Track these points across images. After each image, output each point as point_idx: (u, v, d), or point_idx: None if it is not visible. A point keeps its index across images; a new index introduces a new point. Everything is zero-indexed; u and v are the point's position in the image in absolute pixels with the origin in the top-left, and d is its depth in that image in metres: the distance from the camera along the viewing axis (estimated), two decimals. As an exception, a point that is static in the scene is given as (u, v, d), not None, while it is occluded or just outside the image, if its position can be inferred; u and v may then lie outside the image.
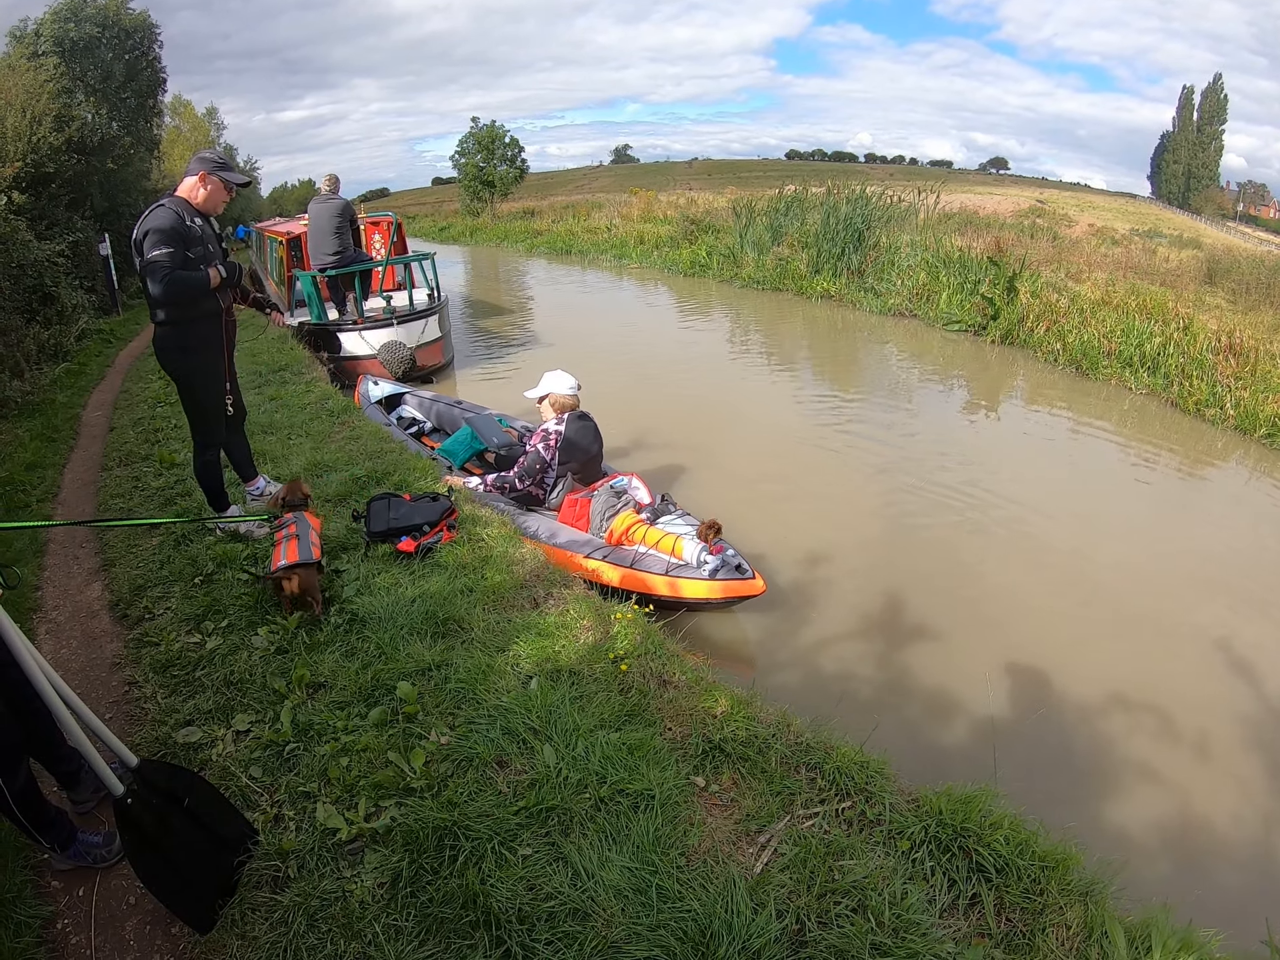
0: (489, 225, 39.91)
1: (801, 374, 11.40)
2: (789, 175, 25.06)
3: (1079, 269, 16.65)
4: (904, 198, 18.25)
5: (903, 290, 15.10)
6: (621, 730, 3.06)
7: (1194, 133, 75.38)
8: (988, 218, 27.37)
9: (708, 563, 4.54)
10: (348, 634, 3.79)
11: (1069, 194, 69.68)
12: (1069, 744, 4.24)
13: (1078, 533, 6.44)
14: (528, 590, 4.14)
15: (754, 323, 15.27)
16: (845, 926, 2.32)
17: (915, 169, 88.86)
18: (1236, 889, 3.59)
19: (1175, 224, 48.06)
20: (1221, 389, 10.32)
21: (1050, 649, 4.89)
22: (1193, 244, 30.33)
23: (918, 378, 11.36)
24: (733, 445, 8.02)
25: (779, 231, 18.96)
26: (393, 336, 10.35)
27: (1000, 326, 12.85)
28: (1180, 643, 5.27)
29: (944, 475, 7.41)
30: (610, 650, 3.55)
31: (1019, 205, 40.85)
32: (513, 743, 3.00)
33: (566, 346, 13.12)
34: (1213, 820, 3.94)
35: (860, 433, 8.64)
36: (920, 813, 2.74)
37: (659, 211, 30.45)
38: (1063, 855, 2.64)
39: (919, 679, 4.53)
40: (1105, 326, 12.11)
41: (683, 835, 2.61)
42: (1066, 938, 2.50)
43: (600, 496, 5.14)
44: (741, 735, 3.04)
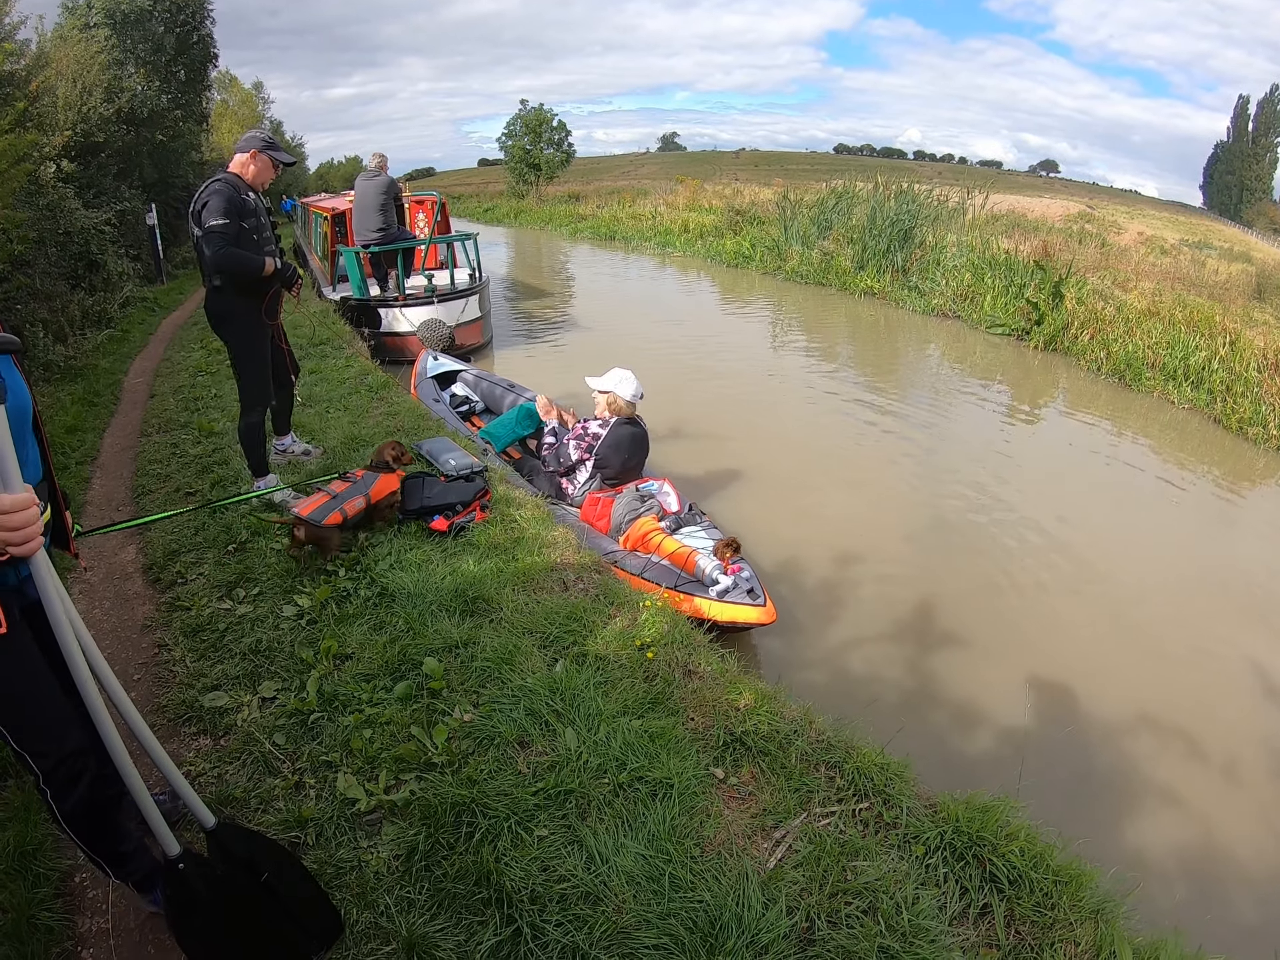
0: (534, 208, 39.94)
1: (842, 372, 11.28)
2: (836, 170, 24.76)
3: (1126, 277, 16.39)
4: (952, 197, 18.03)
5: (947, 291, 14.92)
6: (644, 718, 3.07)
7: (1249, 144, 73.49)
8: (1036, 221, 27.06)
9: (719, 582, 4.32)
10: (377, 608, 3.83)
11: (1119, 200, 68.36)
12: (1092, 761, 4.19)
13: (1113, 548, 6.34)
14: (558, 574, 4.15)
15: (797, 317, 15.14)
16: (855, 928, 2.32)
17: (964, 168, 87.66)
18: (1250, 919, 3.53)
19: (1226, 236, 46.97)
20: (1266, 408, 10.06)
21: (1080, 665, 4.83)
22: (1243, 258, 29.73)
23: (959, 381, 11.22)
24: (770, 443, 7.94)
25: (825, 226, 18.79)
26: (432, 314, 10.42)
27: (1044, 332, 12.63)
28: (1212, 667, 5.18)
29: (980, 482, 7.33)
30: (637, 637, 3.55)
31: (1068, 210, 40.19)
32: (535, 724, 3.02)
33: (606, 332, 13.09)
34: (1233, 848, 3.87)
35: (899, 435, 8.56)
36: (937, 819, 2.73)
37: (704, 201, 30.31)
38: (1077, 871, 2.61)
39: (946, 687, 4.50)
40: (1150, 338, 11.88)
41: (699, 826, 2.62)
42: (1075, 954, 2.47)
43: (624, 498, 5.03)
44: (764, 730, 3.04)
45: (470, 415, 7.39)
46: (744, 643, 4.72)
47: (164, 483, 5.61)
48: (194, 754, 2.96)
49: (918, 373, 11.85)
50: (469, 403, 7.55)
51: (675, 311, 15.39)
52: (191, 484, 5.48)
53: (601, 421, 5.32)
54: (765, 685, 3.46)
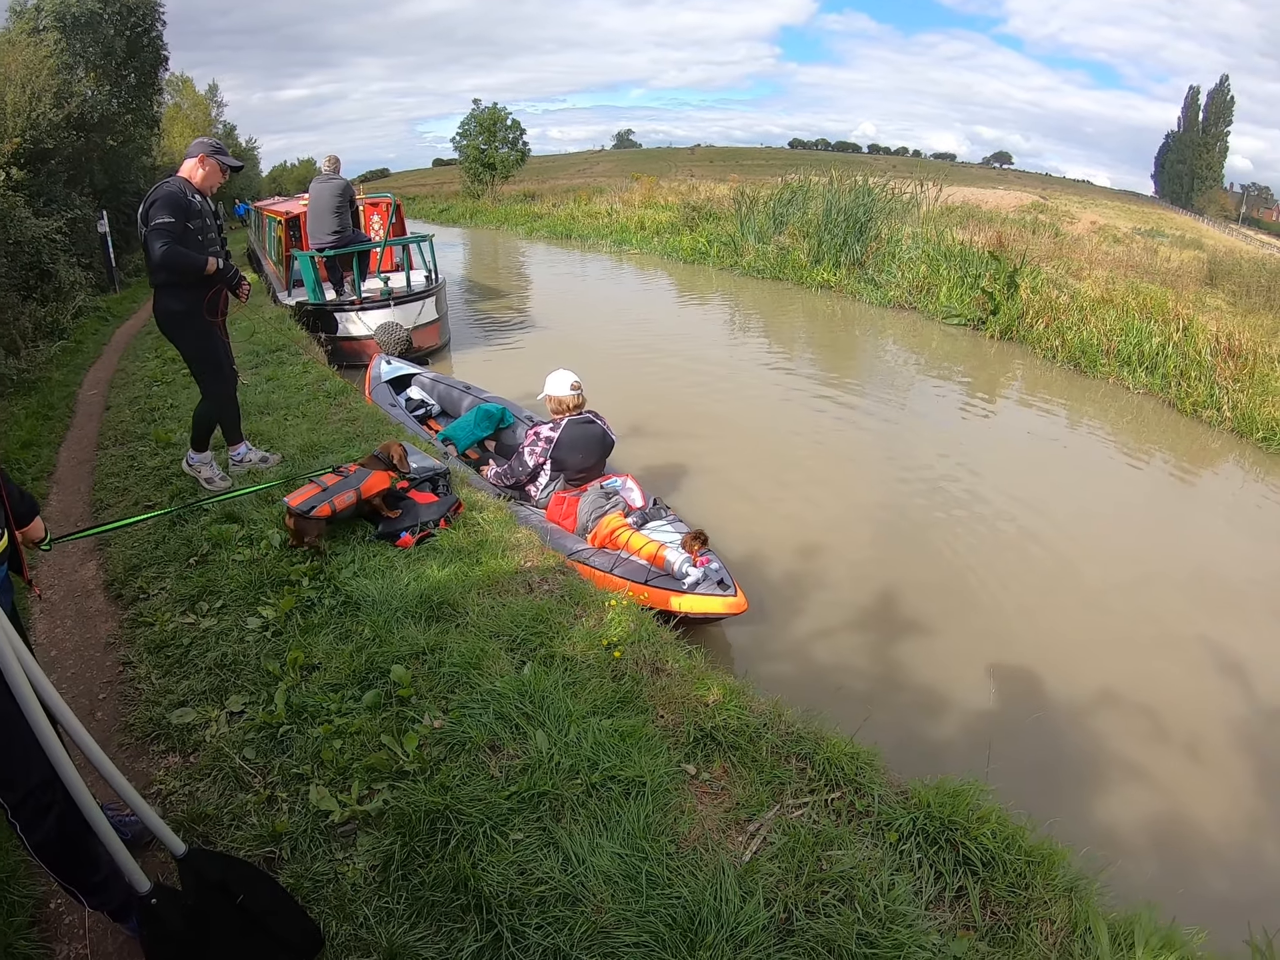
0: (489, 208, 39.73)
1: (801, 365, 11.38)
2: (792, 164, 24.82)
3: (1080, 266, 16.66)
4: (906, 190, 18.21)
5: (903, 283, 15.09)
6: (614, 717, 3.08)
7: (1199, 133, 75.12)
8: (990, 212, 27.36)
9: (689, 575, 4.39)
10: (342, 617, 3.80)
11: (1072, 191, 69.55)
12: (1060, 744, 4.26)
13: (1073, 533, 6.45)
14: (523, 576, 4.14)
15: (754, 312, 15.23)
16: (832, 916, 2.34)
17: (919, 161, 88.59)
18: (1221, 890, 3.61)
19: (1178, 224, 47.96)
20: (1219, 391, 10.34)
21: (1045, 648, 4.91)
22: (1195, 245, 30.38)
23: (916, 371, 11.37)
24: (731, 438, 7.99)
25: (780, 220, 18.91)
26: (389, 318, 10.34)
27: (1000, 321, 12.84)
28: (1173, 646, 5.29)
29: (940, 471, 7.42)
30: (604, 637, 3.56)
31: (1022, 201, 40.78)
32: (505, 727, 3.01)
33: (564, 332, 13.07)
34: (1201, 822, 3.97)
35: (859, 426, 8.66)
36: (909, 805, 2.77)
37: (660, 198, 30.32)
38: (1049, 851, 2.66)
39: (913, 674, 4.55)
40: (1105, 325, 12.12)
41: (673, 822, 2.64)
42: (1051, 932, 2.52)
43: (589, 496, 5.06)
44: (733, 724, 3.06)
45: (427, 419, 7.34)
46: (712, 636, 4.75)
47: (122, 496, 5.52)
48: (164, 772, 2.91)
49: (876, 364, 11.97)
50: (425, 406, 7.51)
51: (633, 309, 15.41)
52: (150, 496, 5.39)
53: (552, 424, 5.32)
54: (733, 680, 3.49)
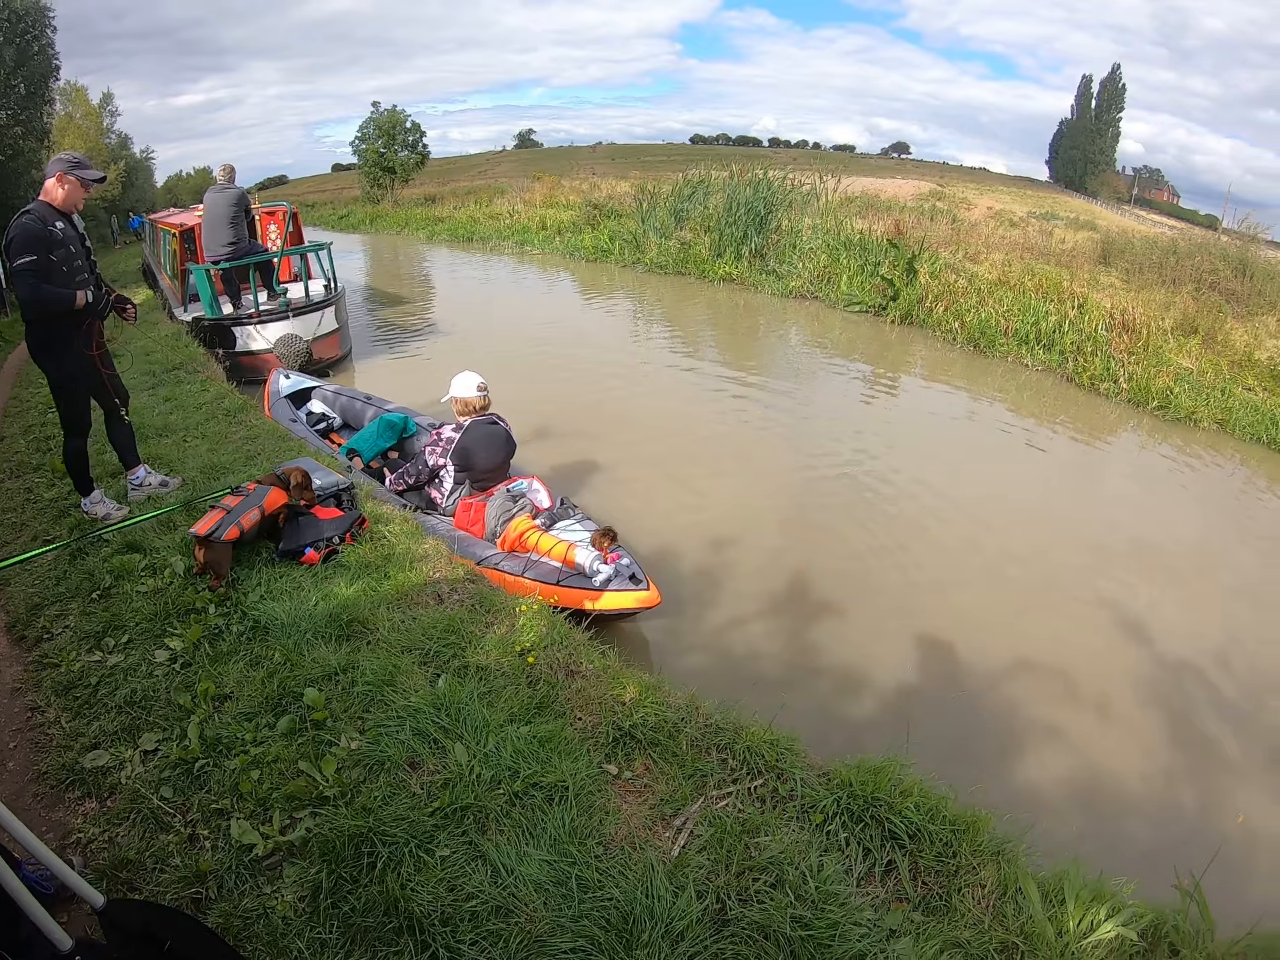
0: (390, 212, 38.87)
1: (705, 358, 11.43)
2: (693, 160, 24.92)
3: (977, 250, 17.17)
4: (805, 181, 18.48)
5: (804, 273, 15.33)
6: (532, 723, 3.06)
7: (1092, 120, 77.82)
8: (889, 201, 27.90)
9: (600, 572, 4.40)
10: (251, 642, 3.69)
11: (969, 178, 71.28)
12: (979, 712, 4.40)
13: (979, 507, 6.68)
14: (432, 587, 4.09)
15: (657, 307, 15.25)
16: (765, 902, 2.37)
17: (819, 153, 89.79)
18: (1144, 838, 3.78)
19: (1072, 207, 49.77)
20: (1115, 364, 10.89)
21: (956, 621, 5.07)
22: (1089, 226, 31.55)
23: (820, 359, 11.57)
24: (637, 434, 7.97)
25: (682, 216, 19.02)
26: (289, 330, 10.02)
27: (900, 307, 13.21)
28: (1079, 609, 5.50)
29: (847, 455, 7.58)
30: (516, 643, 3.55)
31: (920, 189, 41.81)
32: (423, 743, 2.97)
33: (467, 336, 12.86)
34: (1118, 775, 4.15)
35: (766, 415, 8.77)
36: (831, 785, 2.83)
37: (562, 197, 30.13)
38: (973, 818, 2.75)
39: (828, 656, 4.64)
40: (1002, 306, 12.61)
41: (599, 824, 2.64)
42: (982, 896, 2.60)
43: (496, 500, 5.04)
44: (651, 720, 3.08)
45: (329, 432, 7.17)
46: (627, 633, 4.76)
47: (20, 531, 5.25)
48: (82, 819, 2.78)
49: (780, 354, 12.17)
50: (326, 419, 7.33)
51: (537, 309, 15.31)
52: (49, 530, 5.14)
53: (455, 426, 5.30)
54: (648, 676, 3.52)
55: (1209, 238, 20.60)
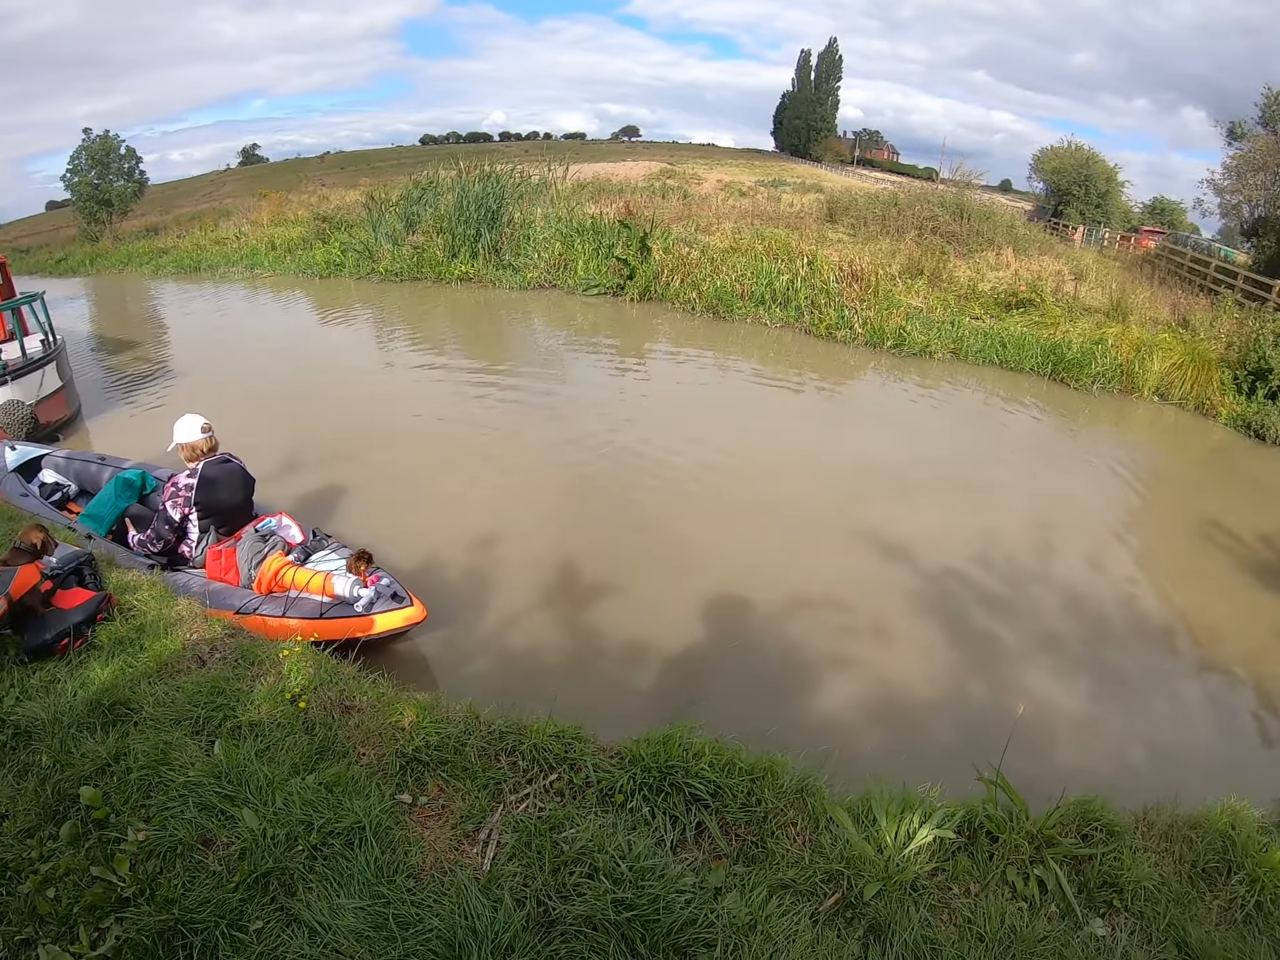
0: (110, 249, 35.57)
1: (453, 361, 11.15)
2: (424, 161, 24.51)
3: (709, 222, 17.97)
4: (534, 172, 18.59)
5: (540, 263, 15.45)
6: (316, 770, 2.90)
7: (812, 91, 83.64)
8: (620, 183, 28.64)
9: (361, 597, 4.32)
10: (15, 751, 3.30)
11: (699, 154, 74.22)
12: (763, 659, 4.58)
13: (740, 463, 6.98)
14: (192, 650, 3.77)
15: (398, 316, 14.60)
16: (585, 894, 2.34)
17: (550, 143, 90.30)
18: (943, 740, 4.09)
19: (799, 173, 53.23)
20: (849, 312, 11.87)
21: (730, 574, 5.27)
22: (815, 189, 34.02)
23: (567, 345, 11.69)
24: (390, 448, 7.61)
25: (413, 220, 18.61)
26: (7, 395, 8.99)
27: (637, 285, 13.66)
28: (845, 540, 5.88)
29: (609, 433, 7.69)
30: (286, 690, 3.34)
31: (650, 169, 43.09)
32: (212, 817, 2.73)
33: (205, 375, 11.81)
34: (907, 687, 4.46)
35: (521, 407, 8.72)
36: (625, 764, 2.83)
37: (290, 213, 28.73)
38: (768, 763, 2.83)
39: (609, 635, 4.67)
40: (736, 271, 13.32)
41: (404, 857, 2.53)
42: (796, 834, 2.69)
43: (245, 543, 4.77)
44: (434, 740, 2.99)
45: (66, 502, 6.52)
46: (402, 655, 4.61)
47: None
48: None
49: (527, 346, 12.15)
50: (61, 488, 6.64)
51: (276, 334, 14.36)
52: None
53: (189, 471, 4.97)
54: (424, 696, 3.43)
55: (928, 188, 22.67)
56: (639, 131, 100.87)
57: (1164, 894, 2.78)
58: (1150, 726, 4.60)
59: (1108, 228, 31.24)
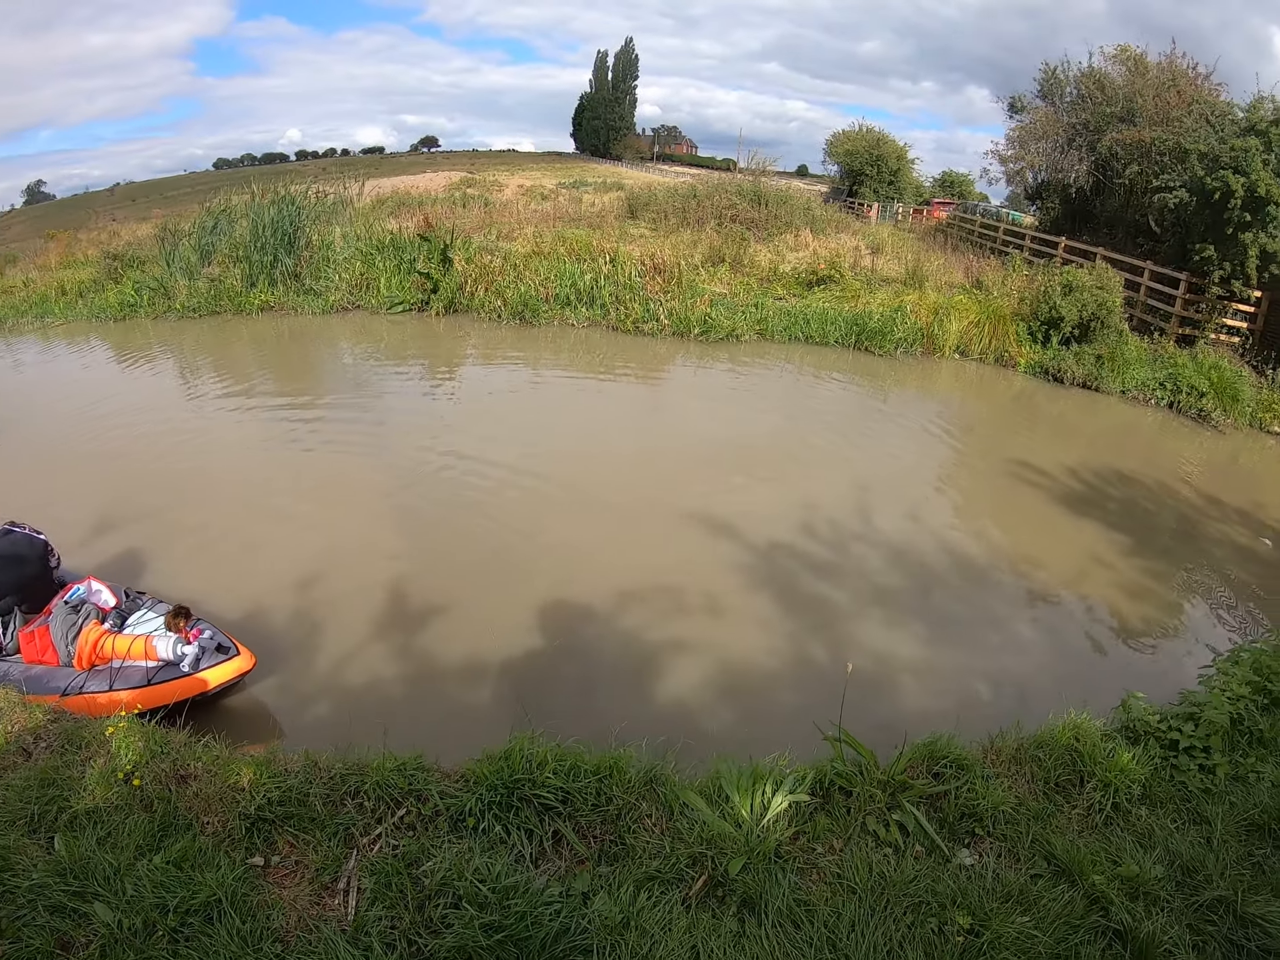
0: (-128, 318, 32.08)
1: (262, 396, 10.19)
2: (219, 186, 23.26)
3: (510, 228, 17.85)
4: (331, 191, 17.99)
5: (341, 285, 14.82)
6: (161, 849, 2.73)
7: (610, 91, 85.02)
8: (420, 196, 28.11)
9: (186, 655, 4.11)
10: None
11: (500, 161, 73.75)
12: (601, 656, 4.63)
13: (563, 464, 7.03)
14: (15, 743, 3.49)
15: (199, 354, 13.21)
16: (454, 925, 2.30)
17: (348, 159, 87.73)
18: (787, 704, 4.25)
19: (600, 172, 53.57)
20: (654, 304, 12.14)
21: (563, 575, 5.31)
22: (616, 187, 34.32)
23: (377, 367, 11.29)
24: (206, 495, 6.99)
25: (208, 250, 17.51)
26: None
27: (442, 298, 13.44)
28: (672, 527, 6.01)
29: (425, 453, 7.49)
30: (118, 770, 3.13)
31: (451, 179, 42.46)
32: (65, 918, 2.54)
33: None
34: (746, 661, 4.60)
35: (335, 438, 8.25)
36: (471, 786, 2.82)
37: (80, 253, 26.64)
38: (613, 760, 2.88)
39: (445, 655, 4.60)
40: (540, 275, 13.37)
41: (266, 922, 2.42)
42: (652, 825, 2.73)
43: (57, 618, 4.43)
44: (276, 796, 2.87)
45: None
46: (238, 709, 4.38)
47: None
48: None
49: (335, 372, 11.60)
50: None
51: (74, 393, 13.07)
52: None
53: None
54: (259, 752, 3.31)
55: (726, 178, 23.21)
56: (438, 142, 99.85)
57: (1023, 814, 3.01)
58: (986, 659, 4.94)
59: (901, 203, 33.02)
